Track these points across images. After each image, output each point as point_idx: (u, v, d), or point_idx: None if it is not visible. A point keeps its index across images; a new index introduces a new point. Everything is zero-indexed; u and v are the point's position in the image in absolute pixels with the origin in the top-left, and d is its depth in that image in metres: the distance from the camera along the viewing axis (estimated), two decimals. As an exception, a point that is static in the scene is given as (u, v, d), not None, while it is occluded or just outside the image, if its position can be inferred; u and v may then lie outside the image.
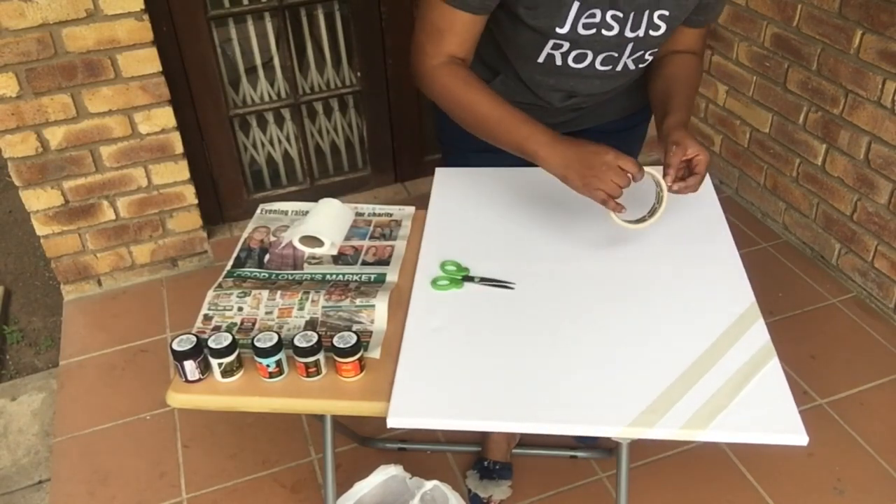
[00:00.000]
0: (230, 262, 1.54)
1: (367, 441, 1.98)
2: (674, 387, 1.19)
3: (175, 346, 1.25)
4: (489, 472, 1.88)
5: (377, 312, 1.37)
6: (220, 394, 1.27)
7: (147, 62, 2.25)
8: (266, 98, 2.65)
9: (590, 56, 1.38)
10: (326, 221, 1.58)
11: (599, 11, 1.30)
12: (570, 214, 1.55)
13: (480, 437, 1.96)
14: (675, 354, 1.24)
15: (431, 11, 1.34)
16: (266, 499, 1.91)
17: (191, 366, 1.26)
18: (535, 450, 1.96)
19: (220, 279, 1.49)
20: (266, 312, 1.39)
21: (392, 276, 1.49)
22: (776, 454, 1.94)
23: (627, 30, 1.33)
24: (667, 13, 1.33)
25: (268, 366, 1.25)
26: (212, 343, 1.25)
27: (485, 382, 1.21)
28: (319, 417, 1.45)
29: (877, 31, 2.17)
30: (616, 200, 1.29)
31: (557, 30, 1.32)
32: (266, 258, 1.55)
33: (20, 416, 2.22)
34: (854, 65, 2.27)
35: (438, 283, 1.39)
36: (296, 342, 1.24)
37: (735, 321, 1.30)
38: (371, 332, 1.34)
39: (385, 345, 1.32)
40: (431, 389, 1.21)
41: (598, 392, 1.19)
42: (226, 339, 1.25)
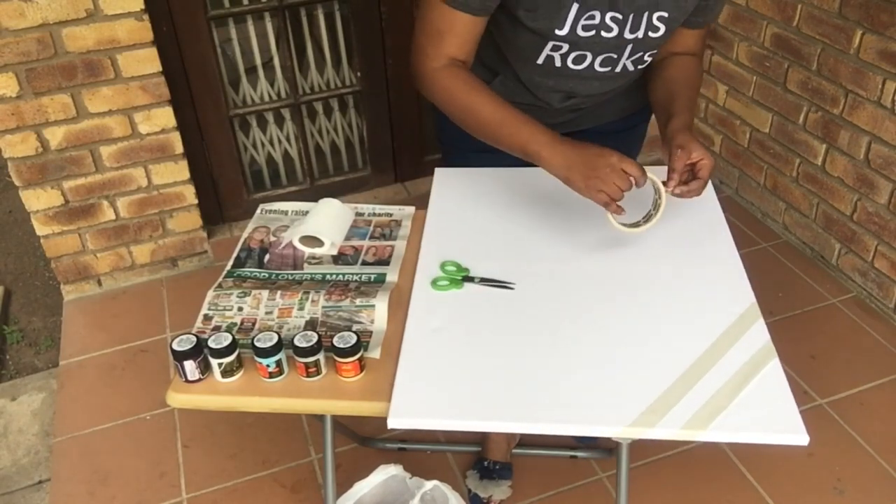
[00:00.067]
0: (230, 262, 1.54)
1: (367, 441, 1.98)
2: (674, 387, 1.19)
3: (175, 346, 1.25)
4: (489, 472, 1.88)
5: (377, 312, 1.37)
6: (221, 394, 1.27)
7: (147, 62, 2.25)
8: (266, 98, 2.65)
9: (589, 57, 1.38)
10: (326, 221, 1.58)
11: (599, 13, 1.30)
12: (570, 215, 1.54)
13: (480, 438, 1.96)
14: (676, 354, 1.24)
15: (431, 12, 1.34)
16: (266, 499, 1.91)
17: (191, 366, 1.26)
18: (535, 450, 1.96)
19: (220, 279, 1.49)
20: (266, 312, 1.39)
21: (392, 276, 1.49)
22: (776, 454, 1.94)
23: (627, 31, 1.33)
24: (666, 15, 1.33)
25: (268, 366, 1.25)
26: (212, 343, 1.25)
27: (485, 382, 1.21)
28: (319, 417, 1.45)
29: (877, 31, 2.17)
30: (617, 203, 1.30)
31: (557, 31, 1.32)
32: (266, 258, 1.55)
33: (20, 416, 2.22)
34: (854, 65, 2.27)
35: (438, 284, 1.39)
36: (296, 342, 1.24)
37: (735, 321, 1.30)
38: (371, 332, 1.34)
39: (385, 345, 1.32)
40: (431, 390, 1.21)
41: (598, 392, 1.19)
42: (226, 339, 1.25)
